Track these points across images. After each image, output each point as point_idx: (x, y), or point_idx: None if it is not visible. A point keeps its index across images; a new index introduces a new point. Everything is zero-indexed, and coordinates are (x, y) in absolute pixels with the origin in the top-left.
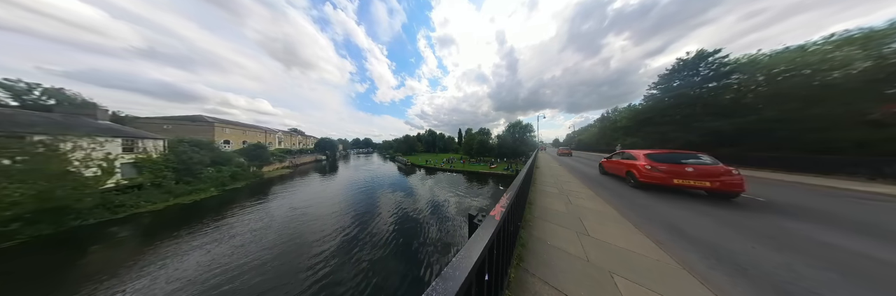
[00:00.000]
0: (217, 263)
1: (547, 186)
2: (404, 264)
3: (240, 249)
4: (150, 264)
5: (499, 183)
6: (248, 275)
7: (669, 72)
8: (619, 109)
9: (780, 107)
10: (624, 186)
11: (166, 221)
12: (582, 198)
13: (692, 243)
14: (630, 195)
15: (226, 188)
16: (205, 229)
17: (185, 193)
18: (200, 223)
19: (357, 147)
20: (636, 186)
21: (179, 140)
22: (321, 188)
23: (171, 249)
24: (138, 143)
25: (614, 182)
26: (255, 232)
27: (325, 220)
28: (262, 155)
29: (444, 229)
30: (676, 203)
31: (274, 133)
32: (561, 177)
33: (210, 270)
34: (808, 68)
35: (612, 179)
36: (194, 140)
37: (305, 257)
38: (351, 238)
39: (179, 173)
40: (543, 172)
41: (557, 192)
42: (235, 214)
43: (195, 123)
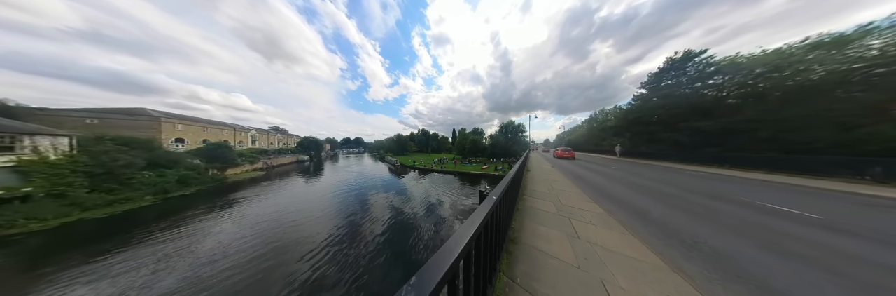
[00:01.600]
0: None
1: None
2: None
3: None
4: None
5: (490, 185)
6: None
7: (659, 71)
8: (606, 111)
9: (759, 107)
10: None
11: (59, 243)
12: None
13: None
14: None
15: (168, 196)
16: (113, 253)
17: (103, 205)
18: (113, 244)
19: (347, 147)
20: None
21: (99, 137)
22: (292, 194)
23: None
24: (23, 140)
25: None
26: (171, 260)
27: (281, 236)
28: (225, 156)
29: (430, 247)
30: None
31: (246, 131)
32: (555, 183)
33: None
34: (785, 69)
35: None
36: (123, 138)
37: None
38: (313, 268)
39: (97, 179)
40: (534, 178)
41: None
42: (158, 233)
43: (134, 117)
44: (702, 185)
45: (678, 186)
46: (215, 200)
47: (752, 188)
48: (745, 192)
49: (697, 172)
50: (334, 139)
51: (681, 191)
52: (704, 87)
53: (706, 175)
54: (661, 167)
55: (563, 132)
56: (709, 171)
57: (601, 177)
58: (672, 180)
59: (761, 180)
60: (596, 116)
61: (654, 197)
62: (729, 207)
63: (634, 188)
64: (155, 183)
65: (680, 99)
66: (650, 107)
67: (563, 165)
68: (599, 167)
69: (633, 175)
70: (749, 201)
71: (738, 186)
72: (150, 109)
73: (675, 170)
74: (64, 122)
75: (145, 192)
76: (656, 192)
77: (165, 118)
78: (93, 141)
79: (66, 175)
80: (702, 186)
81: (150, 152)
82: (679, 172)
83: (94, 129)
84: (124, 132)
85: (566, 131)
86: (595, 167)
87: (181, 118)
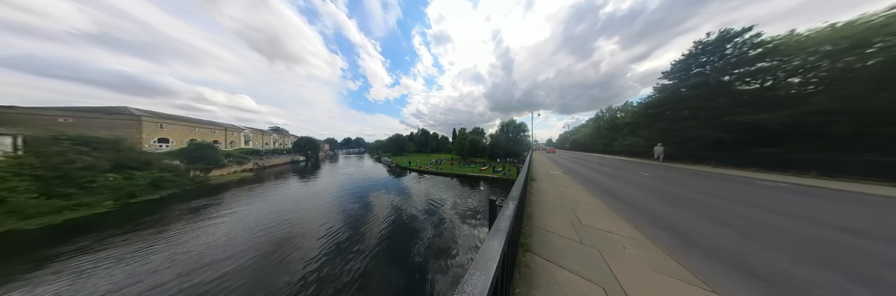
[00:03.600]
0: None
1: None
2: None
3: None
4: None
5: (489, 188)
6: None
7: (686, 57)
8: (614, 108)
9: (834, 94)
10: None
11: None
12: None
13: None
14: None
15: (133, 201)
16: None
17: (49, 212)
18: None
19: (348, 147)
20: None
21: (53, 137)
22: (274, 197)
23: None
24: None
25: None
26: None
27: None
28: (209, 156)
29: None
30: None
31: (239, 131)
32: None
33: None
34: (873, 44)
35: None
36: (83, 137)
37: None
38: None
39: (50, 183)
40: (543, 188)
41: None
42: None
43: (113, 116)
44: (818, 209)
45: (776, 211)
46: (183, 205)
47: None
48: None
49: (772, 183)
50: (334, 139)
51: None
52: (749, 73)
53: (794, 188)
54: (704, 174)
55: (567, 132)
56: (789, 181)
57: (634, 188)
58: (749, 198)
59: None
60: (602, 115)
61: (755, 237)
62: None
63: (703, 215)
64: (121, 186)
65: (718, 88)
66: (677, 99)
67: (576, 171)
68: (624, 173)
69: (674, 184)
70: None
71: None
72: (132, 108)
73: (730, 178)
74: (33, 120)
75: (106, 196)
76: (748, 221)
77: (147, 117)
78: (46, 141)
79: (8, 179)
80: (825, 212)
81: (117, 153)
82: (740, 181)
83: (66, 128)
84: (101, 132)
85: (569, 131)
86: (619, 173)
87: (166, 117)
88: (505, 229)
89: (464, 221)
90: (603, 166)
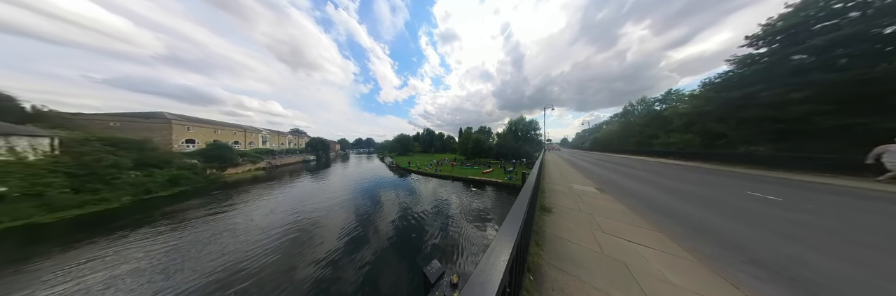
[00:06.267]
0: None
1: None
2: None
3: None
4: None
5: (479, 199)
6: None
7: (786, 17)
8: (649, 100)
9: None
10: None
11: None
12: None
13: None
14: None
15: (148, 196)
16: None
17: (73, 206)
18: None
19: (358, 147)
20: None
21: (85, 138)
22: (276, 195)
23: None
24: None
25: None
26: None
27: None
28: (224, 155)
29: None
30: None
31: (257, 132)
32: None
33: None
34: None
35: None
36: (113, 138)
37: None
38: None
39: (80, 180)
40: (572, 241)
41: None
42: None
43: (149, 120)
44: None
45: None
46: (189, 201)
47: None
48: None
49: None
50: (346, 140)
51: None
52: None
53: None
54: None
55: (585, 130)
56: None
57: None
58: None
59: None
60: (632, 108)
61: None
62: None
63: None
64: (141, 183)
65: (873, 57)
66: (790, 70)
67: (620, 185)
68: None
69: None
70: None
71: None
72: (166, 113)
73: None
74: (90, 124)
75: (126, 192)
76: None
77: (176, 120)
78: (79, 141)
79: (44, 176)
80: None
81: (141, 153)
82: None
83: (114, 130)
84: (141, 133)
85: (589, 129)
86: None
87: (192, 120)
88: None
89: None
90: (667, 178)
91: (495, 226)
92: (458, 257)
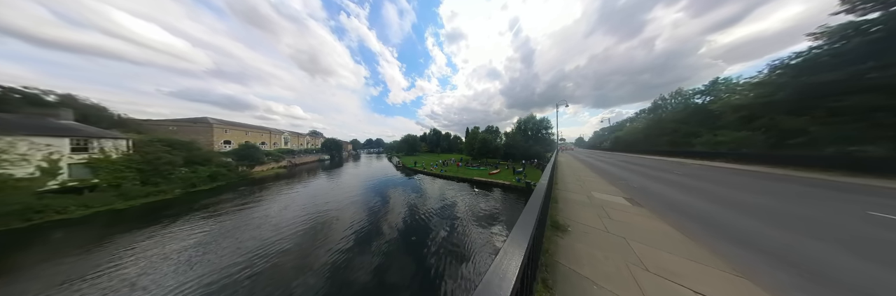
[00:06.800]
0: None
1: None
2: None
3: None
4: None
5: (485, 203)
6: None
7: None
8: (687, 92)
9: None
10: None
11: (68, 235)
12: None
13: None
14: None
15: (191, 191)
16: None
17: (140, 196)
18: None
19: (369, 147)
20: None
21: (151, 140)
22: (290, 192)
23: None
24: (93, 142)
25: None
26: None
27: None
28: (253, 155)
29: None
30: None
31: (280, 134)
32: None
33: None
34: None
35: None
36: (169, 140)
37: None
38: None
39: (146, 174)
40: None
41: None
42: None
43: (196, 124)
44: None
45: None
46: (223, 195)
47: None
48: None
49: None
50: (357, 140)
51: None
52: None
53: None
54: None
55: (605, 128)
56: None
57: None
58: None
59: None
60: (664, 103)
61: None
62: None
63: None
64: (188, 178)
65: None
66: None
67: (683, 206)
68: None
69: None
70: None
71: None
72: (209, 118)
73: None
74: (156, 129)
75: (177, 185)
76: None
77: (217, 124)
78: (146, 143)
79: (122, 170)
80: None
81: (188, 152)
82: None
83: (172, 134)
84: (190, 136)
85: (609, 127)
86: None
87: (228, 124)
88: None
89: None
90: (725, 186)
91: (501, 229)
92: (453, 260)
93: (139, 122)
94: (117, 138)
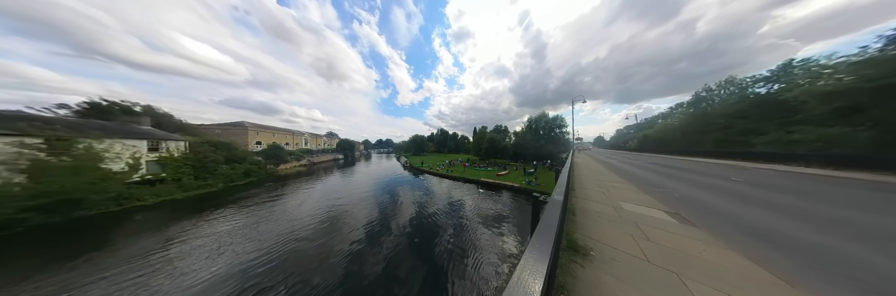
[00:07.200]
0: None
1: None
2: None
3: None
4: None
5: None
6: None
7: None
8: (743, 81)
9: None
10: None
11: (147, 219)
12: None
13: None
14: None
15: (231, 185)
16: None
17: (194, 188)
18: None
19: (380, 147)
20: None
21: (201, 141)
22: (307, 190)
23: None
24: (162, 144)
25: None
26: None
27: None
28: (278, 154)
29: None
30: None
31: (301, 135)
32: None
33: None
34: None
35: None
36: (214, 141)
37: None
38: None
39: (198, 171)
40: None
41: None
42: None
43: (236, 127)
44: None
45: None
46: (253, 190)
47: None
48: None
49: None
50: (368, 141)
51: None
52: None
53: None
54: None
55: (630, 126)
56: None
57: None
58: None
59: None
60: (710, 95)
61: None
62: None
63: None
64: (228, 174)
65: None
66: None
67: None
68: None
69: None
70: None
71: None
72: (245, 122)
73: None
74: (205, 132)
75: (220, 180)
76: None
77: (251, 128)
78: (198, 144)
79: (181, 167)
80: None
81: (228, 152)
82: None
83: (217, 136)
84: (230, 138)
85: (637, 124)
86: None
87: (259, 127)
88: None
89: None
90: (828, 203)
91: (507, 230)
92: (455, 258)
93: (194, 126)
94: (178, 140)
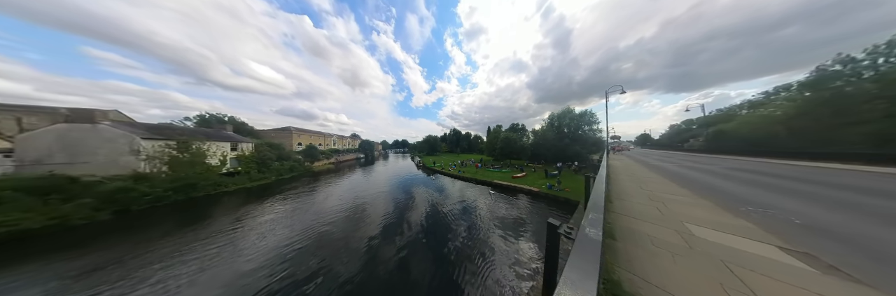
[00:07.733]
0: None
1: None
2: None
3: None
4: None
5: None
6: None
7: None
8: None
9: None
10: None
11: (227, 200)
12: None
13: None
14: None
15: (280, 178)
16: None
17: (257, 180)
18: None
19: (396, 147)
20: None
21: (260, 143)
22: (334, 184)
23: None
24: (239, 145)
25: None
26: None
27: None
28: (313, 153)
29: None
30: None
31: (330, 137)
32: None
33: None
34: None
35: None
36: (269, 142)
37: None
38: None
39: (260, 166)
40: None
41: None
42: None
43: (284, 131)
44: None
45: None
46: (294, 183)
47: None
48: None
49: None
50: (386, 141)
51: None
52: None
53: None
54: None
55: (691, 120)
56: None
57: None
58: None
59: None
60: (855, 66)
61: None
62: None
63: None
64: (278, 169)
65: None
66: None
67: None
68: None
69: None
70: None
71: None
72: (291, 127)
73: None
74: (263, 135)
75: (273, 174)
76: None
77: (295, 131)
78: (259, 145)
79: (249, 163)
80: None
81: (278, 151)
82: None
83: (271, 139)
84: (280, 140)
85: (702, 119)
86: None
87: (300, 131)
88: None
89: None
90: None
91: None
92: (465, 259)
93: (258, 131)
94: (248, 142)
